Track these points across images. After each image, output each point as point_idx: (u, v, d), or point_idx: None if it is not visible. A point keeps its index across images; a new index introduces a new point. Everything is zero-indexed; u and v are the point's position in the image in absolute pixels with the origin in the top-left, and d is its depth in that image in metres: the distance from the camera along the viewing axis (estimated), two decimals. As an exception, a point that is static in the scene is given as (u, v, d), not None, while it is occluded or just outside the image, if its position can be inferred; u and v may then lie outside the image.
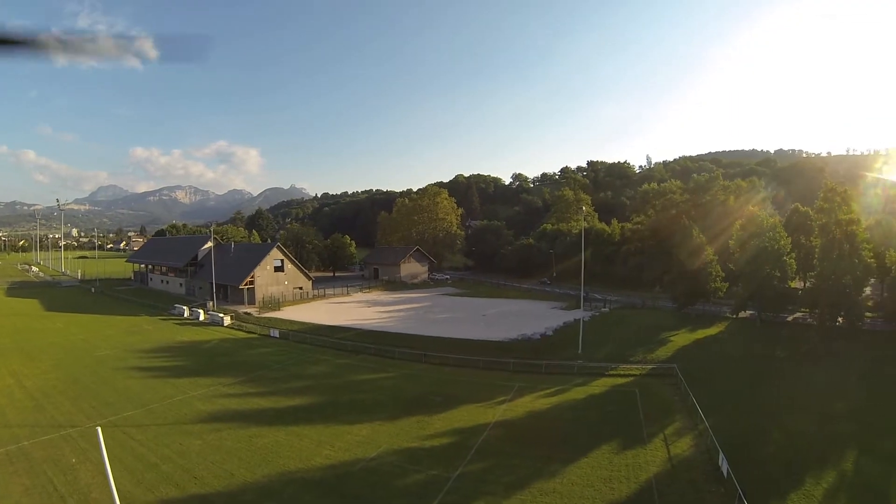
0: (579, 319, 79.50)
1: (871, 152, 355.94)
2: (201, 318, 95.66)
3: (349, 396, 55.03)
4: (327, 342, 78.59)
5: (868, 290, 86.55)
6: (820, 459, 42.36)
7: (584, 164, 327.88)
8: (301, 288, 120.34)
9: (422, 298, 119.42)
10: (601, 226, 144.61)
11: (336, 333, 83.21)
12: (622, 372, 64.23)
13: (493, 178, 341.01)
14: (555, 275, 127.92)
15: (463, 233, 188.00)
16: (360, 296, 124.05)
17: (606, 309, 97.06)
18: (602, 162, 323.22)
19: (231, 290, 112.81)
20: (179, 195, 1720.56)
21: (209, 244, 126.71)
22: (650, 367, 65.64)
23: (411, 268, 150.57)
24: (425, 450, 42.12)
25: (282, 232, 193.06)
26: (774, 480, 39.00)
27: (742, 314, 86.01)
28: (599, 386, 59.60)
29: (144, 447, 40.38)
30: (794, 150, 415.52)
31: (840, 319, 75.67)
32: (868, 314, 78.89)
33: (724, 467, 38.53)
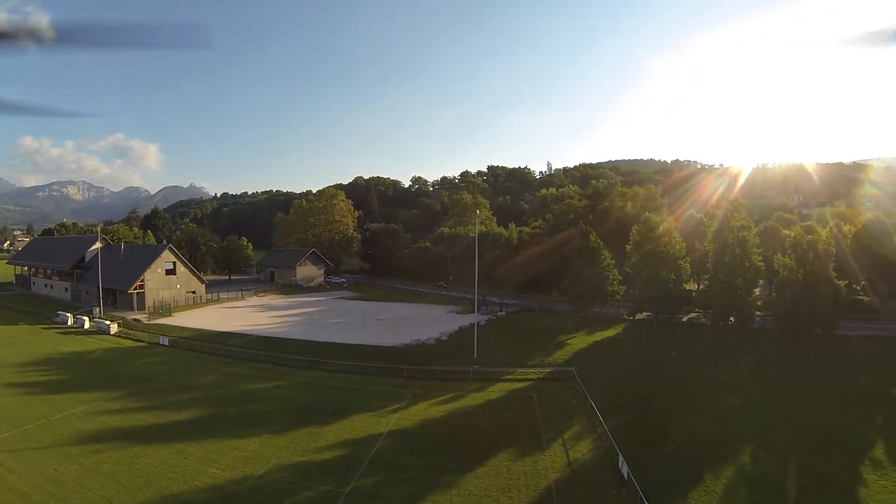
0: (475, 323, 78.30)
1: (759, 165, 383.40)
2: (86, 325, 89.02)
3: (238, 408, 52.33)
4: (218, 350, 74.48)
5: (758, 291, 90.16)
6: (719, 456, 43.04)
7: (484, 169, 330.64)
8: (194, 292, 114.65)
9: (317, 302, 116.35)
10: (499, 230, 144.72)
11: (228, 340, 79.12)
12: (519, 376, 63.34)
13: (393, 180, 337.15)
14: (451, 278, 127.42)
15: (360, 235, 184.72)
16: (254, 300, 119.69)
17: (503, 313, 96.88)
18: (503, 167, 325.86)
19: (120, 295, 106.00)
20: (71, 191, 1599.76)
21: (97, 245, 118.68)
22: (548, 370, 65.09)
23: (307, 271, 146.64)
24: (316, 464, 40.34)
25: (177, 233, 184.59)
26: (675, 479, 39.20)
27: (639, 316, 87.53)
28: (496, 391, 58.62)
29: (15, 475, 36.94)
30: (689, 161, 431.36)
31: (732, 319, 78.79)
32: (758, 313, 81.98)
33: (625, 470, 38.43)
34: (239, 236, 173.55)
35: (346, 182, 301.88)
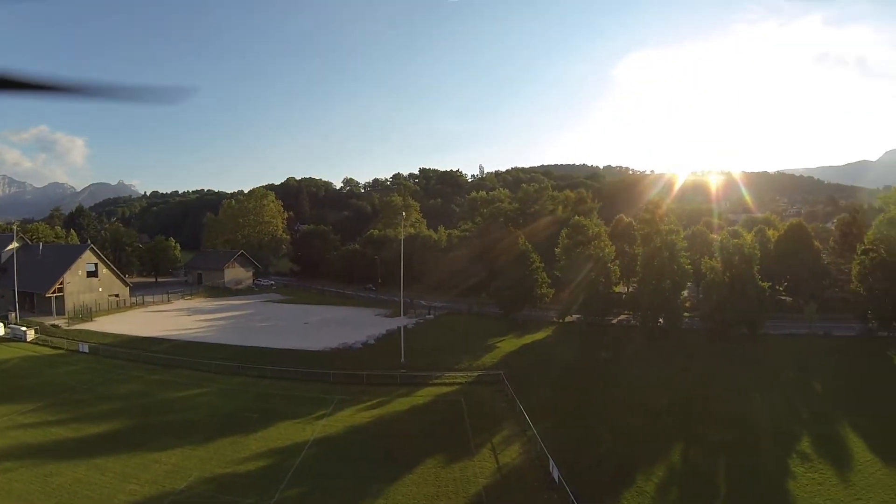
0: (404, 326, 77.58)
1: (689, 172, 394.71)
2: (1, 332, 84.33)
3: (160, 418, 50.29)
4: (141, 356, 71.22)
5: (686, 293, 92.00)
6: (650, 455, 43.39)
7: (416, 171, 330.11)
8: (117, 295, 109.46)
9: (245, 305, 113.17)
10: (428, 232, 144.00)
11: (151, 346, 76.04)
12: (447, 380, 62.71)
13: (325, 182, 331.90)
14: (380, 281, 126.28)
15: (289, 237, 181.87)
16: (181, 303, 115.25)
17: (432, 315, 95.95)
18: (434, 170, 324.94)
19: (38, 299, 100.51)
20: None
21: (14, 245, 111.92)
22: (476, 374, 64.58)
23: (236, 273, 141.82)
24: (240, 476, 39.12)
25: (102, 232, 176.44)
26: (607, 481, 39.38)
27: (569, 318, 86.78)
28: (424, 396, 57.84)
29: (-86, 501, 34.48)
30: (621, 167, 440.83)
31: (661, 321, 79.70)
32: (686, 314, 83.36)
33: (555, 473, 38.24)
34: (167, 237, 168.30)
35: (278, 182, 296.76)
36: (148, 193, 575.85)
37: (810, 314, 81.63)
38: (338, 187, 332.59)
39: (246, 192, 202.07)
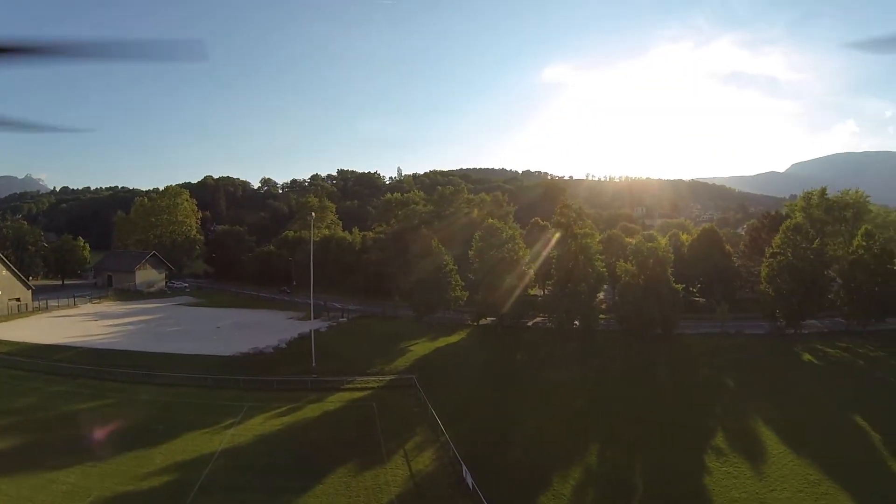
0: (316, 330, 75.36)
1: (607, 178, 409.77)
2: None
3: (61, 433, 46.62)
4: (41, 366, 66.11)
5: (602, 296, 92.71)
6: (566, 457, 43.27)
7: (335, 173, 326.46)
8: (18, 299, 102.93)
9: (156, 309, 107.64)
10: (343, 234, 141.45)
11: (54, 354, 71.07)
12: (359, 385, 61.36)
13: (243, 181, 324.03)
14: (294, 283, 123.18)
15: (203, 238, 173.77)
16: (88, 308, 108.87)
17: (345, 318, 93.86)
18: (352, 171, 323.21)
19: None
20: None
21: None
22: (389, 378, 63.41)
23: (147, 275, 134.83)
24: (142, 493, 37.02)
25: (3, 230, 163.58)
26: (523, 485, 38.99)
27: (483, 321, 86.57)
28: (335, 401, 56.43)
29: None
30: (540, 172, 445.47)
31: (577, 323, 79.88)
32: (602, 316, 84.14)
33: (469, 479, 37.51)
34: (76, 236, 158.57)
35: (195, 181, 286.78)
36: (57, 189, 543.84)
37: (722, 314, 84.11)
38: (256, 187, 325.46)
39: (162, 189, 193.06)
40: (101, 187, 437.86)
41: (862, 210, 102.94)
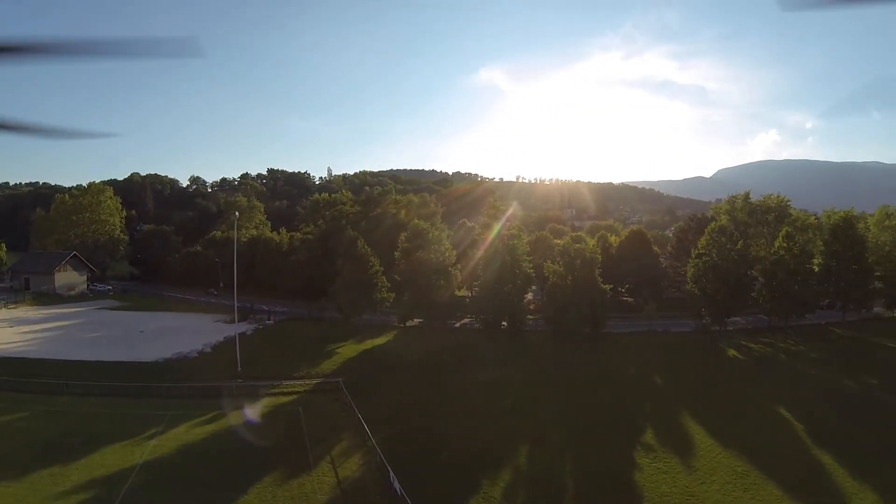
0: (241, 333, 73.85)
1: (537, 181, 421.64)
2: None
3: None
4: None
5: (531, 296, 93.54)
6: (495, 459, 43.01)
7: (265, 172, 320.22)
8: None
9: (76, 314, 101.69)
10: (271, 234, 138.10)
11: None
12: (285, 389, 59.80)
13: (171, 179, 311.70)
14: (222, 285, 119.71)
15: (127, 238, 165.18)
16: (3, 313, 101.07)
17: (271, 321, 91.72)
18: (283, 171, 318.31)
19: None
20: None
21: None
22: (315, 381, 62.02)
23: (68, 277, 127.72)
24: (59, 512, 35.04)
25: None
26: (452, 489, 38.60)
27: (411, 322, 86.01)
28: (261, 407, 54.61)
29: None
30: (470, 174, 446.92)
31: (505, 324, 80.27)
32: (531, 317, 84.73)
33: (397, 485, 36.92)
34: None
35: (121, 178, 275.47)
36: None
37: (649, 313, 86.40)
38: (184, 185, 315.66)
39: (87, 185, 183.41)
40: (20, 183, 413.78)
41: (783, 213, 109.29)
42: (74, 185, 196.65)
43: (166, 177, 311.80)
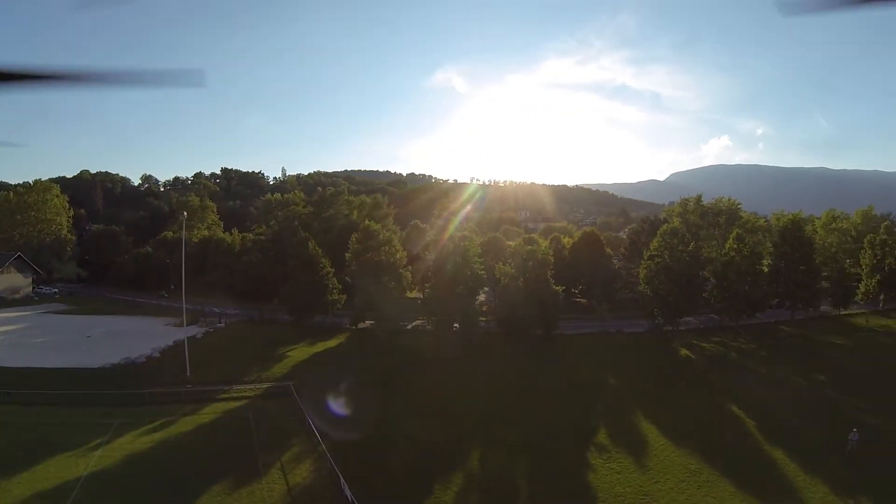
0: (191, 337, 71.96)
1: (492, 183, 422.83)
2: None
3: None
4: None
5: (483, 297, 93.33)
6: (447, 463, 42.77)
7: (218, 171, 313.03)
8: None
9: (20, 318, 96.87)
10: (223, 235, 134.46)
11: None
12: (235, 394, 58.52)
13: (122, 177, 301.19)
14: (173, 287, 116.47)
15: (75, 238, 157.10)
16: None
17: (222, 324, 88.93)
18: (236, 170, 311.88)
19: None
20: None
21: None
22: (266, 386, 60.78)
23: (11, 280, 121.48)
24: (-2, 532, 33.52)
25: None
26: (404, 494, 38.33)
27: (362, 325, 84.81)
28: (210, 413, 53.50)
29: None
30: (425, 175, 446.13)
31: (457, 325, 79.48)
32: (483, 318, 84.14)
33: (347, 492, 36.34)
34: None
35: (70, 175, 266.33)
36: None
37: (602, 314, 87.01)
38: (136, 184, 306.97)
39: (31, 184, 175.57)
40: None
41: (734, 216, 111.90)
42: (20, 182, 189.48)
43: (117, 175, 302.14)
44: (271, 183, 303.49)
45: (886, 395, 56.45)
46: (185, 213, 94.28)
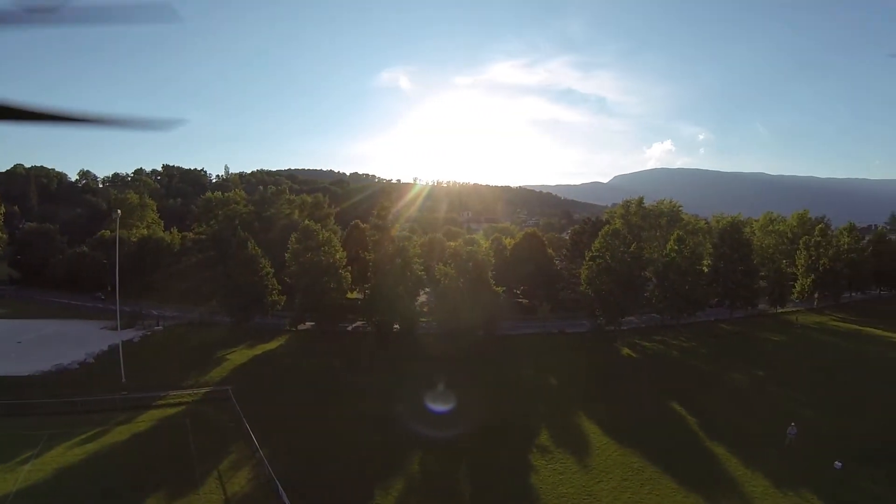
0: (127, 341, 69.59)
1: (436, 183, 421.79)
2: None
3: None
4: None
5: (424, 298, 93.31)
6: (387, 467, 42.24)
7: (160, 168, 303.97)
8: None
9: None
10: (162, 234, 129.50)
11: None
12: (172, 400, 56.28)
13: (59, 172, 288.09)
14: (109, 289, 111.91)
15: (6, 236, 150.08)
16: None
17: (160, 327, 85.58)
18: (178, 167, 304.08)
19: None
20: None
21: None
22: (204, 391, 58.76)
23: None
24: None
25: None
26: (344, 500, 37.65)
27: (303, 326, 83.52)
28: (146, 420, 51.39)
29: None
30: (368, 175, 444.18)
31: (397, 326, 79.00)
32: (424, 319, 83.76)
33: (285, 499, 35.65)
34: None
35: (2, 169, 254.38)
36: None
37: (544, 314, 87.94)
38: (73, 180, 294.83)
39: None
40: None
41: (675, 218, 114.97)
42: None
43: (53, 170, 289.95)
44: (214, 181, 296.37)
45: (821, 389, 59.07)
46: (120, 212, 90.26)
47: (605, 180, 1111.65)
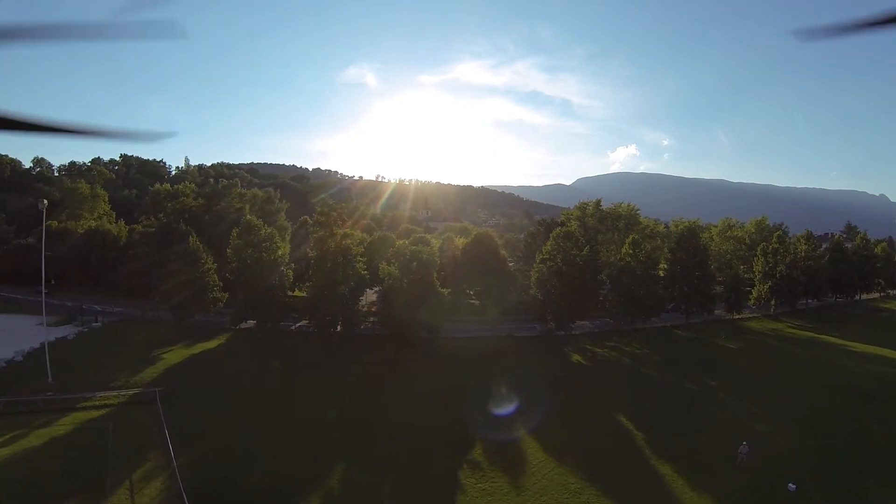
0: (62, 338, 66.40)
1: (398, 181, 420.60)
2: None
3: None
4: None
5: (374, 297, 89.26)
6: (310, 478, 39.98)
7: (118, 157, 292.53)
8: None
9: None
10: (109, 226, 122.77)
11: None
12: (98, 402, 52.53)
13: (12, 159, 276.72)
14: (53, 282, 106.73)
15: None
16: None
17: (99, 323, 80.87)
18: (137, 157, 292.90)
19: None
20: None
21: None
22: (132, 392, 54.87)
23: None
24: None
25: None
26: None
27: (243, 325, 78.93)
28: (67, 424, 47.81)
29: None
30: (330, 171, 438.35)
31: (339, 326, 75.69)
32: (370, 320, 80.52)
33: None
34: None
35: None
36: None
37: (493, 317, 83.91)
38: (27, 167, 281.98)
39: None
40: None
41: (633, 221, 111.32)
42: None
43: (6, 157, 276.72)
44: (173, 173, 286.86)
45: (776, 400, 56.73)
46: (45, 202, 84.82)
47: (568, 182, 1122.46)
